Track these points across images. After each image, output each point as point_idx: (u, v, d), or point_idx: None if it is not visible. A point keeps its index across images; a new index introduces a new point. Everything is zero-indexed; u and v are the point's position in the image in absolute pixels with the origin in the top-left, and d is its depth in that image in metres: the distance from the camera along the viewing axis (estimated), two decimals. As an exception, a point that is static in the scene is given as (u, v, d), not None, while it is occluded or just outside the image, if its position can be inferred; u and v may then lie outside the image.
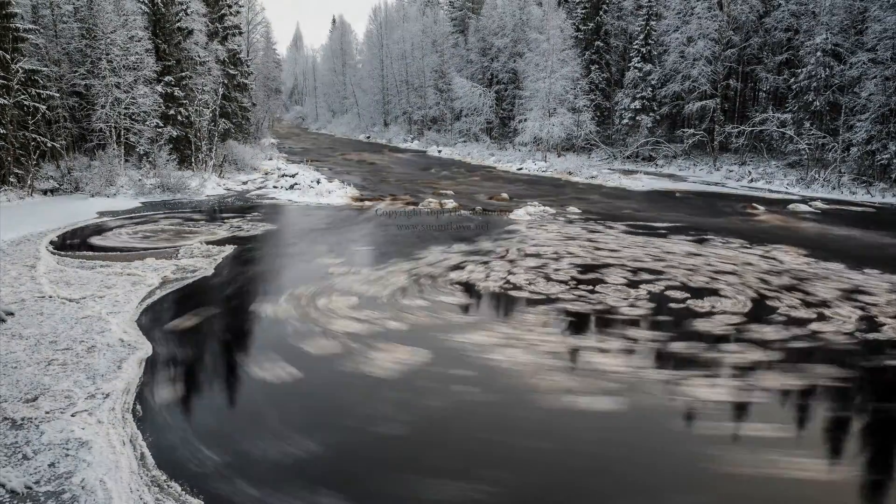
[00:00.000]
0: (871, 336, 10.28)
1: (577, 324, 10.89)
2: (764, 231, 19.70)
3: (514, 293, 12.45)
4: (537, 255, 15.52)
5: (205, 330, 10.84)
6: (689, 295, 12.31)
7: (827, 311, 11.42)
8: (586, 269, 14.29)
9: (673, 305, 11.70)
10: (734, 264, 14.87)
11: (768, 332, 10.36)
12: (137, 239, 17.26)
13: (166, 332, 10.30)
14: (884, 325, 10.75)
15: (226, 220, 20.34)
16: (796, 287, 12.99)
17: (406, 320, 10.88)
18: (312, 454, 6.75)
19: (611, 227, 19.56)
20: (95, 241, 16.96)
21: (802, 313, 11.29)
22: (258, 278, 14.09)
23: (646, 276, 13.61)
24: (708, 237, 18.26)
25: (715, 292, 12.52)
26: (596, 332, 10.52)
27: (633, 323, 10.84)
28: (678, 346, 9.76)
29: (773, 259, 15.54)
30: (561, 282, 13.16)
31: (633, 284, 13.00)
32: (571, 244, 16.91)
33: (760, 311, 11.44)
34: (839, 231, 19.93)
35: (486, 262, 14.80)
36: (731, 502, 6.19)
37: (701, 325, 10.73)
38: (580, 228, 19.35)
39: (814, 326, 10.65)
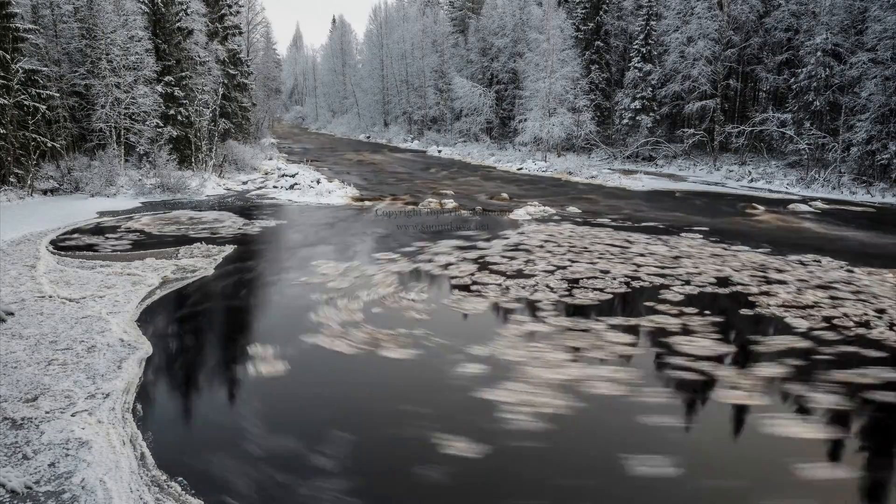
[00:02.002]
0: None
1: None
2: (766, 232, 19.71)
3: (507, 292, 12.46)
4: (538, 255, 15.52)
5: (205, 330, 10.84)
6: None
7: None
8: (589, 268, 14.31)
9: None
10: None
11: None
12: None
13: (166, 332, 10.30)
14: None
15: (226, 220, 20.34)
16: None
17: (411, 324, 10.87)
18: (313, 448, 6.75)
19: (611, 227, 19.55)
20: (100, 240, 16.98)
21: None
22: (258, 278, 14.09)
23: (645, 275, 13.62)
24: (716, 237, 18.27)
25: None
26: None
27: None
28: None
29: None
30: (566, 280, 13.17)
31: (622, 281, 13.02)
32: (573, 243, 16.91)
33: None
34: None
35: (485, 262, 14.80)
36: None
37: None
38: (581, 228, 19.34)
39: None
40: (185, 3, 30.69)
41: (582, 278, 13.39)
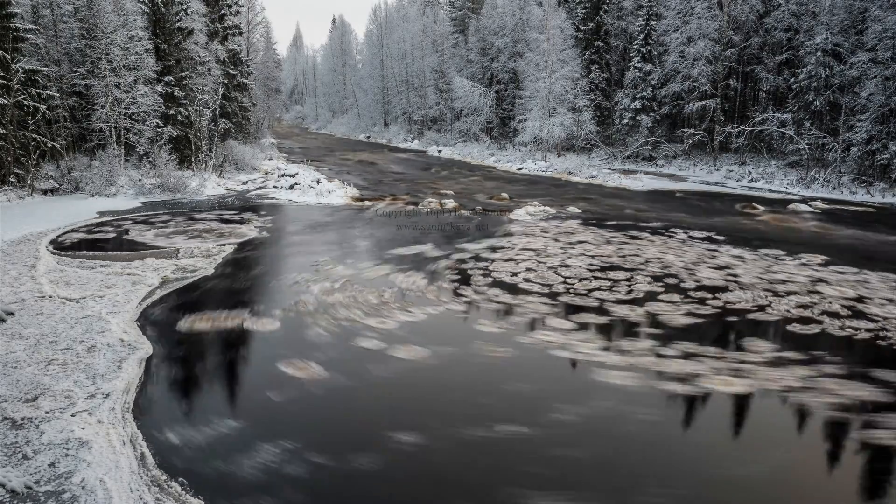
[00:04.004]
0: None
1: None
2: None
3: (507, 290, 12.46)
4: (540, 255, 15.51)
5: (204, 330, 10.83)
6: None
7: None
8: (594, 268, 14.31)
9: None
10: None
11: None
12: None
13: (166, 332, 10.30)
14: None
15: (226, 220, 20.34)
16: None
17: (414, 332, 10.88)
18: (310, 445, 6.75)
19: (611, 227, 19.55)
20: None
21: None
22: (258, 278, 14.09)
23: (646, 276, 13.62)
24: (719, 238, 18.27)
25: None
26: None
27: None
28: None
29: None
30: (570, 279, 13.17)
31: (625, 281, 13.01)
32: (575, 243, 16.91)
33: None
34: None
35: (486, 261, 14.81)
36: None
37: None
38: (581, 228, 19.33)
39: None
40: (185, 3, 30.67)
41: (580, 276, 13.41)
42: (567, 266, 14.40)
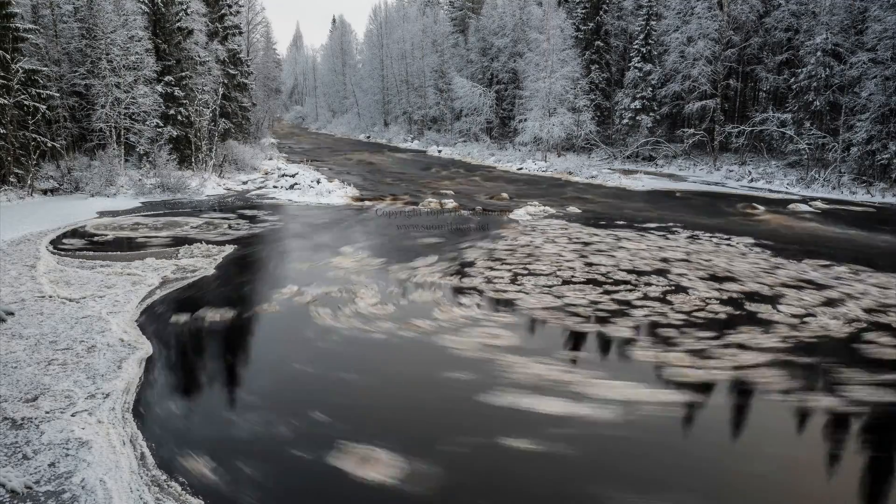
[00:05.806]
0: None
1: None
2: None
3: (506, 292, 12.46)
4: (541, 255, 15.52)
5: (204, 329, 10.83)
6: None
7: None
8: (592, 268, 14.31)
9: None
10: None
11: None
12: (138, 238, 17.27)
13: (166, 332, 10.30)
14: None
15: (226, 220, 20.35)
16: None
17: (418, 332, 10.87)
18: (308, 444, 6.76)
19: (611, 227, 19.55)
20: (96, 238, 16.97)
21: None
22: (258, 278, 14.10)
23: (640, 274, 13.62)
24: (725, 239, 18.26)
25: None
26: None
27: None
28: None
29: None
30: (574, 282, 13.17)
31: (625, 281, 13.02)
32: (575, 243, 16.91)
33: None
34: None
35: (484, 260, 14.81)
36: None
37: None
38: (581, 228, 19.33)
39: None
40: (185, 3, 30.67)
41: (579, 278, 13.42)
42: (574, 267, 14.42)
